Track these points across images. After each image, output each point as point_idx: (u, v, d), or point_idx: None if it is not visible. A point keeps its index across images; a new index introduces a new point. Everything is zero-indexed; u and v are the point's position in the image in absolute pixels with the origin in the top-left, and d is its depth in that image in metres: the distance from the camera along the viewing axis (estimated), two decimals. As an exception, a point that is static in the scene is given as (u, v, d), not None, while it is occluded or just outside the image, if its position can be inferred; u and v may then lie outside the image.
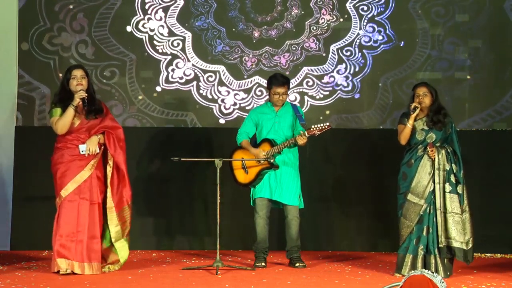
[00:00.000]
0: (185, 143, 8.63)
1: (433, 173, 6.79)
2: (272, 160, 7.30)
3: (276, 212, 7.69)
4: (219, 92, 8.65)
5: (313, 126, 7.28)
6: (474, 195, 8.33)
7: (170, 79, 8.66)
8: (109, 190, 6.91)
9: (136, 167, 8.52)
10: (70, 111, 6.80)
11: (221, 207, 7.17)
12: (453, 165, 6.81)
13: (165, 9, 8.68)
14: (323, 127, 7.26)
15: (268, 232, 7.45)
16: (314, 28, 8.66)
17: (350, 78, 8.64)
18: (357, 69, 8.63)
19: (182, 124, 8.65)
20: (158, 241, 8.59)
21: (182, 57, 8.67)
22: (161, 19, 8.67)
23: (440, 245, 6.71)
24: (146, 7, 8.67)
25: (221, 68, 8.68)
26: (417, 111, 6.86)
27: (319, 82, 8.64)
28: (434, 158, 6.78)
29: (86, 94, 6.84)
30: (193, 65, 8.66)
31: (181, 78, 8.67)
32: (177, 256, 8.05)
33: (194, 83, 8.66)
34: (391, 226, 8.03)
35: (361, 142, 8.63)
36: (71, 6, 8.62)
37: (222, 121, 8.65)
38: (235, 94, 8.66)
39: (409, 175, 6.86)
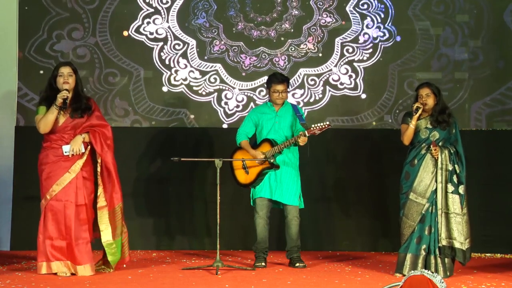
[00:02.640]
0: (185, 143, 8.63)
1: (436, 173, 6.79)
2: (272, 160, 7.30)
3: (276, 212, 7.69)
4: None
5: (313, 126, 7.27)
6: (474, 195, 8.33)
7: (229, 111, 8.71)
8: (100, 189, 6.76)
9: (136, 167, 8.52)
10: (53, 110, 6.64)
11: (221, 207, 7.16)
12: (456, 165, 6.80)
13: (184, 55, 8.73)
14: (323, 127, 7.25)
15: (268, 232, 7.44)
16: (292, 49, 8.68)
17: (382, 27, 8.67)
18: (382, 16, 8.68)
19: (127, 76, 8.66)
20: (158, 241, 8.59)
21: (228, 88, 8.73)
22: (186, 66, 8.71)
23: (440, 244, 6.71)
24: (167, 62, 8.71)
25: (192, 41, 8.71)
26: (420, 111, 6.86)
27: (357, 45, 8.68)
28: (437, 157, 6.78)
29: (69, 95, 6.65)
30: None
31: (237, 106, 8.70)
32: (177, 256, 8.05)
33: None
34: (391, 226, 8.05)
35: (361, 142, 8.64)
36: (103, 98, 8.66)
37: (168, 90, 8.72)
38: (189, 71, 8.72)
39: (412, 175, 6.85)
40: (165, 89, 8.69)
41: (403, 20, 8.68)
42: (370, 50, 8.68)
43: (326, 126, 7.27)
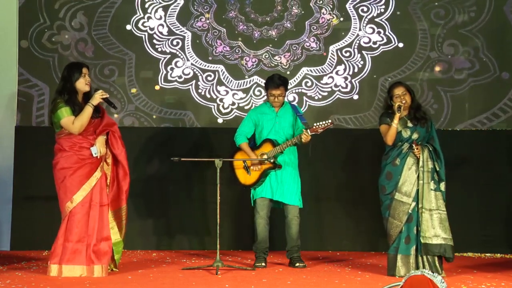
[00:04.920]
0: (185, 143, 8.63)
1: (419, 171, 6.79)
2: (273, 160, 7.30)
3: (276, 212, 7.69)
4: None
5: (315, 124, 7.27)
6: (473, 195, 8.36)
7: (169, 78, 8.68)
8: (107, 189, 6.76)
9: (136, 167, 8.50)
10: (89, 110, 6.58)
11: (221, 207, 7.16)
12: (435, 163, 6.81)
13: (165, 8, 8.70)
14: (326, 125, 7.26)
15: (268, 232, 7.45)
16: (266, 56, 8.69)
17: None
18: None
19: (180, 123, 8.65)
20: (158, 241, 8.59)
21: (182, 56, 8.69)
22: (161, 18, 8.68)
23: (435, 242, 6.67)
24: (146, 6, 8.68)
25: (221, 67, 8.69)
26: (401, 110, 6.87)
27: (369, 2, 8.67)
28: (420, 156, 6.78)
29: (108, 95, 6.71)
30: (192, 64, 8.69)
31: (180, 77, 8.68)
32: (177, 256, 8.05)
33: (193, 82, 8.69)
34: (391, 226, 8.03)
35: (361, 141, 8.63)
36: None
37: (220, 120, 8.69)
38: (233, 94, 8.67)
39: (395, 174, 6.85)
40: (220, 120, 8.66)
41: None
42: (383, 1, 8.68)
43: (328, 124, 7.27)
